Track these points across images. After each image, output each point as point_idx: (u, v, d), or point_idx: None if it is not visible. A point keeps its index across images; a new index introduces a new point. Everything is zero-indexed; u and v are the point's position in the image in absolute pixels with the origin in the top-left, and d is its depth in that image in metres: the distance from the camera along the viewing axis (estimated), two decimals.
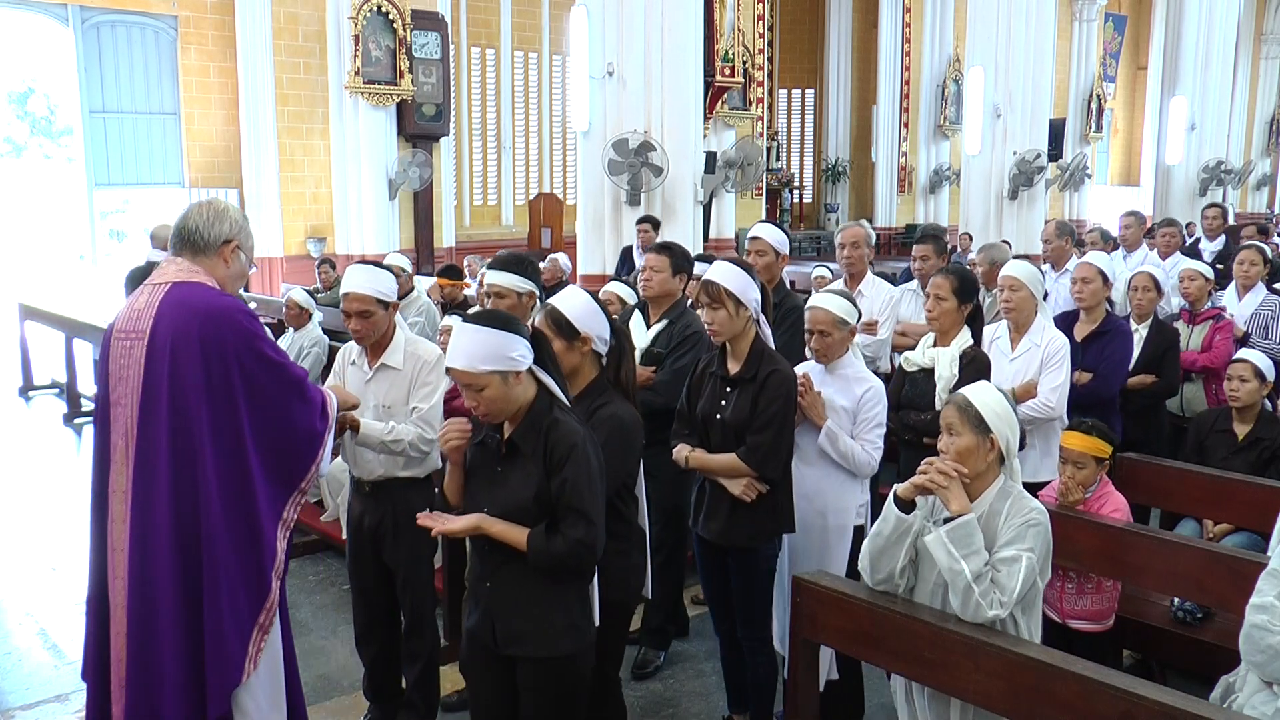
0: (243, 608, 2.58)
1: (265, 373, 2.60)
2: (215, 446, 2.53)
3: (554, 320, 2.75)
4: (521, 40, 16.09)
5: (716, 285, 3.11)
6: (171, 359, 2.51)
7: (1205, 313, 5.27)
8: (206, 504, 2.52)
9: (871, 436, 3.31)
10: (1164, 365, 4.72)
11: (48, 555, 5.31)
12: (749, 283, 3.15)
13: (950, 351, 3.70)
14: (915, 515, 2.52)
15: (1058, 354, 4.02)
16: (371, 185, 12.41)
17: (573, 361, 2.76)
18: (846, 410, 3.31)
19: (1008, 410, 2.56)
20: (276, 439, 2.64)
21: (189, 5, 12.17)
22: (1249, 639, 2.22)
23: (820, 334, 3.32)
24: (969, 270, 3.96)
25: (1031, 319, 4.12)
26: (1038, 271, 4.18)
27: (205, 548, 2.52)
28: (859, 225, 5.21)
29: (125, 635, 2.56)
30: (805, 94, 21.42)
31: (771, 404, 3.08)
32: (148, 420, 2.53)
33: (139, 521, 2.54)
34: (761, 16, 16.87)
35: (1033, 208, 11.86)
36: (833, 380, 3.36)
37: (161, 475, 2.52)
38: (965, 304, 3.74)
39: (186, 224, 2.66)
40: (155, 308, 2.56)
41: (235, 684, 2.58)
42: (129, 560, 2.55)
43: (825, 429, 3.26)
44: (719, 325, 3.14)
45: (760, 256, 4.43)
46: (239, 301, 2.67)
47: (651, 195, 8.02)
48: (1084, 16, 22.90)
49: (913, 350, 3.87)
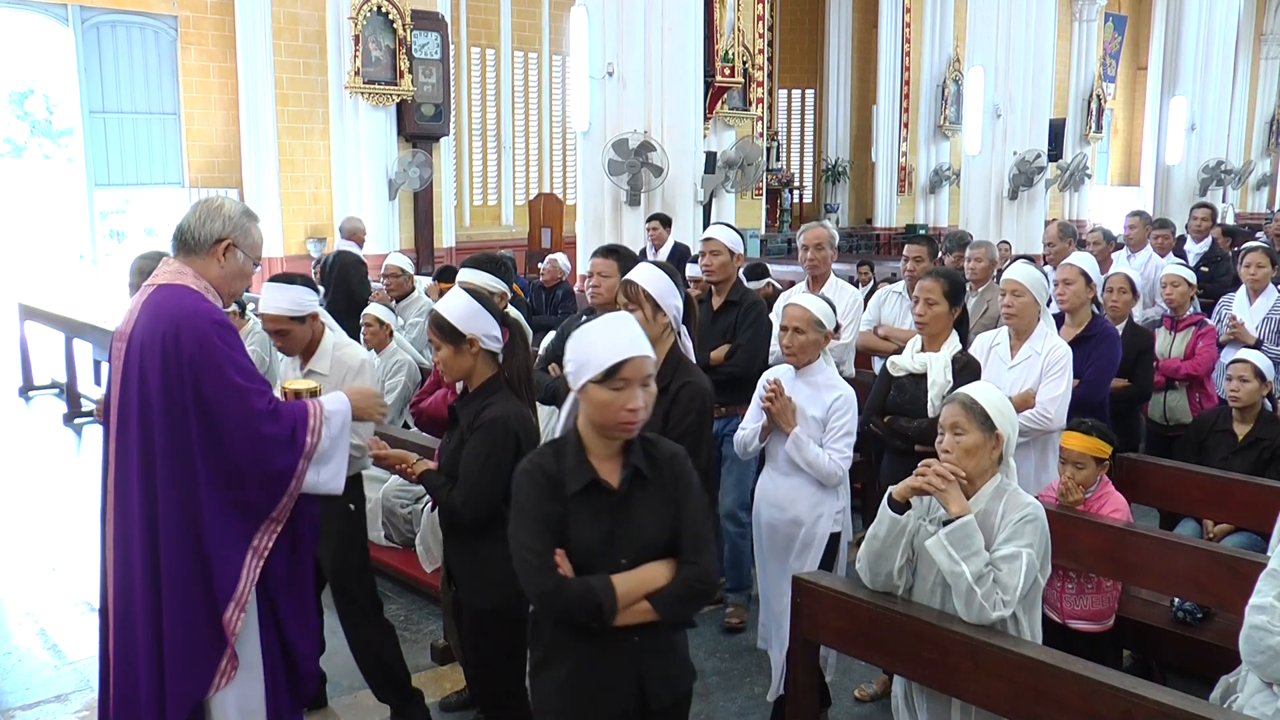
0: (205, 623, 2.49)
1: (224, 393, 2.43)
2: (170, 457, 2.43)
3: (436, 325, 2.77)
4: (521, 40, 16.09)
5: (636, 286, 3.05)
6: (140, 365, 2.45)
7: (1187, 319, 5.10)
8: (163, 516, 2.45)
9: (840, 445, 3.26)
10: (1137, 369, 4.56)
11: (48, 555, 5.31)
12: (671, 289, 3.07)
13: (943, 356, 3.61)
14: (910, 515, 2.53)
15: (1059, 363, 3.84)
16: (371, 185, 12.41)
17: (464, 365, 2.77)
18: (817, 420, 3.25)
19: (1010, 408, 2.59)
20: (234, 464, 2.47)
21: (189, 5, 12.17)
22: (1248, 639, 2.22)
23: (794, 331, 3.26)
24: (958, 273, 3.88)
25: (1033, 325, 3.94)
26: (1041, 276, 4.01)
27: (163, 559, 2.46)
28: (821, 225, 5.01)
29: (113, 634, 2.56)
30: (805, 94, 21.42)
31: (683, 419, 2.97)
32: (123, 425, 2.49)
33: (120, 525, 2.52)
34: (761, 16, 16.89)
35: (1032, 208, 11.87)
36: (803, 386, 3.29)
37: (134, 482, 2.47)
38: (955, 307, 3.66)
39: (182, 222, 2.60)
40: (138, 310, 2.51)
41: (196, 696, 2.51)
42: (114, 563, 2.54)
43: (792, 436, 3.21)
44: None
45: (715, 256, 4.34)
46: (214, 310, 2.52)
47: (651, 195, 8.03)
48: (1084, 16, 22.90)
49: (899, 355, 3.75)
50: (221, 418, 2.44)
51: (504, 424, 2.70)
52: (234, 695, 2.57)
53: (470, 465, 2.72)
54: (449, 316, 2.76)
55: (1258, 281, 5.55)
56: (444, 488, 2.79)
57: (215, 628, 2.50)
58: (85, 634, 4.32)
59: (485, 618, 2.85)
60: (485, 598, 2.82)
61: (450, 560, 2.95)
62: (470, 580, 2.85)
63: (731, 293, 4.40)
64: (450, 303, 2.80)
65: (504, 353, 2.83)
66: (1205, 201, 9.63)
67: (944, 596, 2.50)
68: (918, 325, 3.74)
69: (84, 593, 4.78)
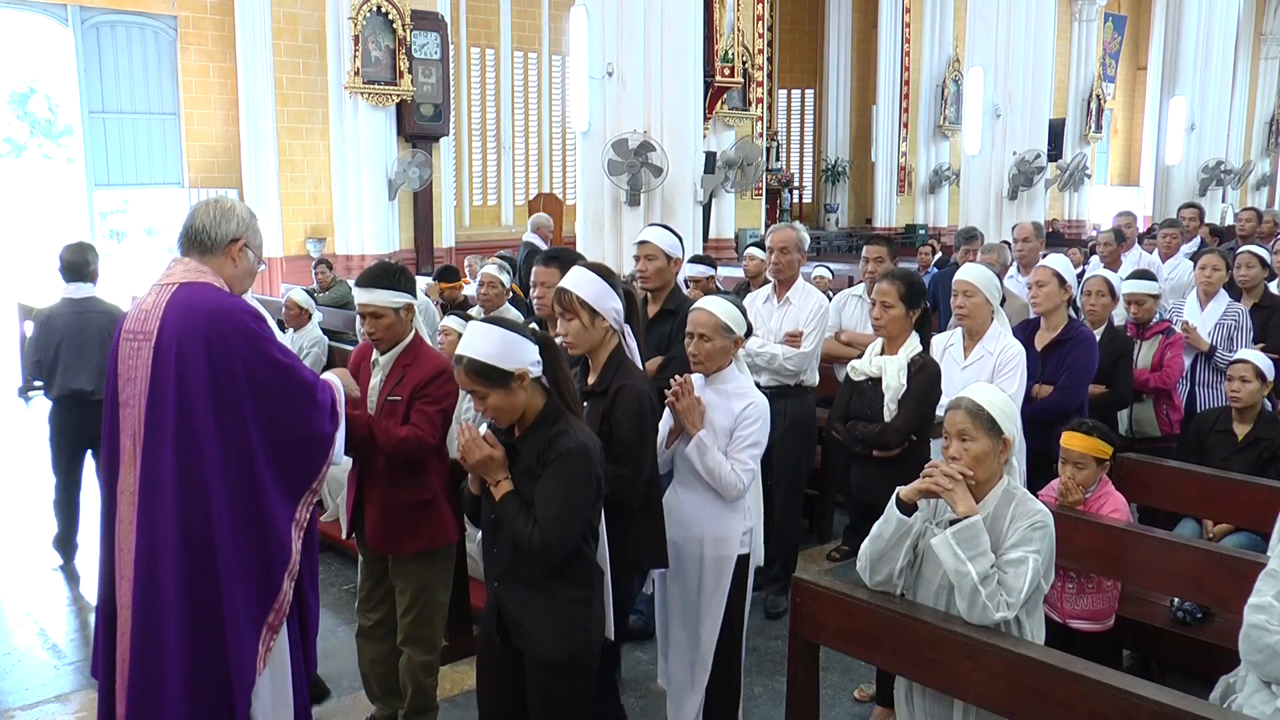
0: (253, 608, 2.58)
1: (273, 376, 2.58)
2: (222, 448, 2.52)
3: (475, 373, 2.45)
4: (521, 40, 16.08)
5: (569, 294, 2.86)
6: (178, 361, 2.50)
7: (1154, 326, 4.96)
8: (213, 505, 2.51)
9: (744, 457, 3.03)
10: (1116, 375, 4.48)
11: (48, 555, 5.31)
12: (605, 291, 2.89)
13: (898, 360, 3.55)
14: (916, 517, 2.52)
15: (1011, 362, 3.83)
16: (371, 185, 12.41)
17: (518, 402, 2.49)
18: (725, 429, 3.06)
19: (1014, 409, 2.59)
20: (286, 442, 2.63)
21: (189, 5, 12.17)
22: (1248, 639, 2.22)
23: (700, 338, 3.06)
24: (915, 274, 3.77)
25: (986, 325, 3.96)
26: (994, 276, 4.00)
27: (217, 549, 2.52)
28: (790, 227, 4.75)
29: (129, 636, 2.56)
30: (805, 94, 21.42)
31: (621, 424, 2.80)
32: (154, 422, 2.53)
33: (145, 523, 2.54)
34: (761, 16, 16.88)
35: (1032, 208, 11.85)
36: (712, 395, 3.11)
37: (167, 477, 2.51)
38: (913, 310, 3.58)
39: (194, 223, 2.65)
40: (162, 308, 2.55)
41: (251, 683, 2.58)
42: (135, 562, 2.55)
43: (695, 438, 3.00)
44: (573, 337, 2.88)
45: (650, 261, 4.07)
46: (245, 303, 2.65)
47: (651, 195, 8.02)
48: (1084, 16, 22.89)
49: (860, 359, 3.71)
50: (280, 399, 2.60)
51: (584, 455, 2.45)
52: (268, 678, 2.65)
53: (550, 501, 2.44)
54: (485, 359, 2.45)
55: (1211, 285, 5.37)
56: (524, 521, 2.46)
57: (263, 611, 2.61)
58: (85, 634, 4.33)
59: (560, 669, 2.55)
60: (560, 647, 2.53)
61: (511, 606, 2.58)
62: (540, 628, 2.53)
63: (668, 300, 4.12)
64: (479, 343, 2.47)
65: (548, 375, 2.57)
66: (1193, 202, 9.59)
67: (948, 600, 2.50)
68: (875, 328, 3.69)
69: (84, 593, 4.78)
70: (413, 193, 12.91)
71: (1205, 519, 4.08)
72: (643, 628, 4.07)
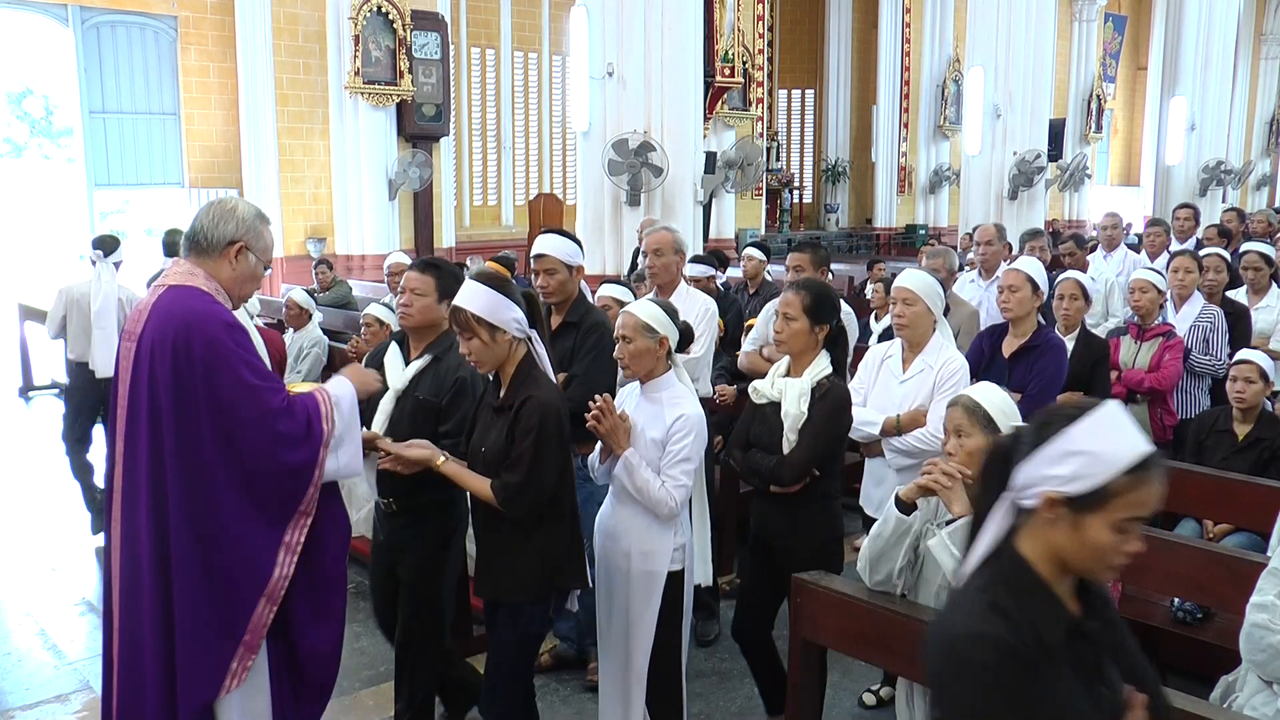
0: (220, 622, 2.48)
1: (235, 392, 2.43)
2: (180, 461, 2.42)
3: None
4: (521, 40, 16.08)
5: (464, 312, 2.75)
6: (151, 365, 2.44)
7: (1155, 328, 4.79)
8: (172, 516, 2.44)
9: (675, 473, 2.85)
10: (1094, 381, 4.27)
11: (48, 555, 5.31)
12: (501, 302, 2.76)
13: (801, 383, 3.14)
14: (916, 517, 2.52)
15: (953, 377, 3.49)
16: (371, 185, 12.41)
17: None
18: (656, 442, 2.87)
19: (1014, 408, 2.58)
20: (250, 463, 2.47)
21: (189, 5, 12.17)
22: (1249, 638, 2.22)
23: (622, 339, 2.93)
24: (824, 285, 3.40)
25: (927, 337, 3.60)
26: (936, 283, 3.68)
27: (173, 560, 2.44)
28: (665, 230, 4.39)
29: (118, 635, 2.55)
30: (805, 94, 21.41)
31: (525, 436, 2.72)
32: (133, 424, 2.48)
33: (127, 525, 2.51)
34: (761, 16, 16.89)
35: (1033, 208, 11.87)
36: (646, 404, 2.95)
37: (142, 481, 2.46)
38: (820, 325, 3.17)
39: (194, 224, 2.60)
40: (148, 310, 2.51)
41: (206, 698, 2.49)
42: (120, 562, 2.53)
43: (622, 458, 2.85)
44: (476, 355, 2.79)
45: (550, 276, 3.66)
46: (225, 312, 2.52)
47: (651, 195, 8.03)
48: (1084, 16, 22.91)
49: (762, 380, 3.30)
50: (237, 418, 2.44)
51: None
52: (239, 698, 2.55)
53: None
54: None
55: (1184, 289, 5.19)
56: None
57: (227, 628, 2.49)
58: (85, 634, 4.33)
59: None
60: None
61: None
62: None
63: (570, 312, 3.74)
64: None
65: None
66: (1188, 203, 9.52)
67: None
68: (776, 344, 3.31)
69: (84, 593, 4.78)
70: (413, 193, 12.90)
71: (1205, 519, 4.08)
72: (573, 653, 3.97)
